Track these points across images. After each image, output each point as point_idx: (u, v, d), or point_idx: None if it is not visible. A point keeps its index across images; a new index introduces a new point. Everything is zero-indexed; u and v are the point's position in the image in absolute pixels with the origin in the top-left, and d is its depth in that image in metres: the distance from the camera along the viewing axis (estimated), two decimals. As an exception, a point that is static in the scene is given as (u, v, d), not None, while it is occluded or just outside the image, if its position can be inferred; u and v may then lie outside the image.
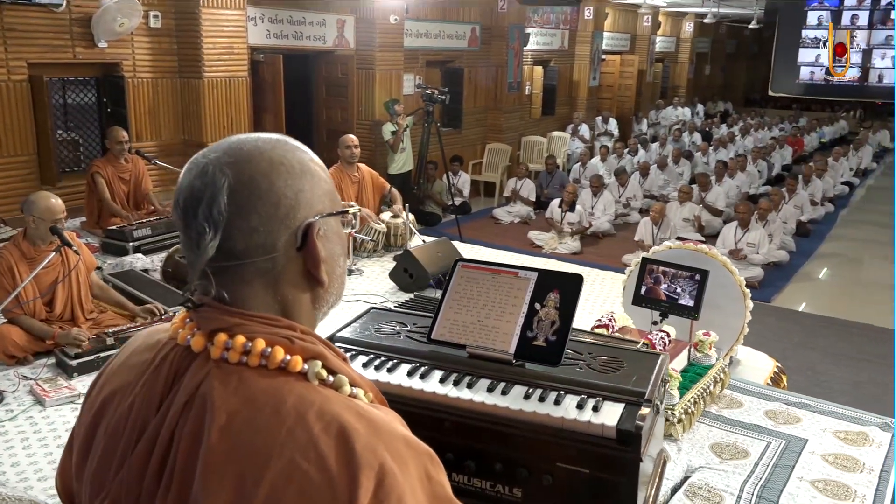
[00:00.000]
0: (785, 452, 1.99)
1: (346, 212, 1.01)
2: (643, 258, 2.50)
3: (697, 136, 15.26)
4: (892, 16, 5.97)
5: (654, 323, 2.38)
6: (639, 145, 13.53)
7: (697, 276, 2.27)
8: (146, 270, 5.35)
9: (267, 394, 0.85)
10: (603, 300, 5.70)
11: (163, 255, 5.52)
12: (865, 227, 10.71)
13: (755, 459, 1.96)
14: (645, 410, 1.34)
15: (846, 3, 6.19)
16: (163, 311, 4.07)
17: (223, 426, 0.84)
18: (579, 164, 11.97)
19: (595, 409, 1.39)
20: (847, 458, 1.94)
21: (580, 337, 1.79)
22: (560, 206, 9.32)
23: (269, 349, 0.88)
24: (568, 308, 1.50)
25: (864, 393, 3.87)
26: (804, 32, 6.45)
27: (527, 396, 1.48)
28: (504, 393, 1.50)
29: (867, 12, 6.10)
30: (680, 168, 12.42)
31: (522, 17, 11.74)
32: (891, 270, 8.33)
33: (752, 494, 1.76)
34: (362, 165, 6.58)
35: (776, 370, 2.69)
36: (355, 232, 5.77)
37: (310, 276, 0.94)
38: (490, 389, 1.51)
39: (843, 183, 12.64)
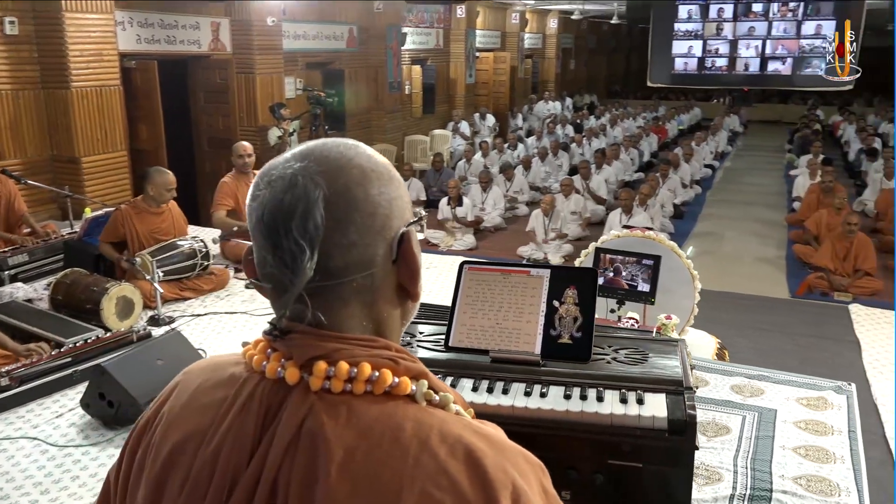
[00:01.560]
0: (762, 424, 2.09)
1: (421, 217, 0.94)
2: (596, 248, 2.54)
3: (570, 129, 15.86)
4: (754, 8, 6.42)
5: (612, 311, 2.43)
6: (518, 140, 13.88)
7: (651, 262, 2.35)
8: (30, 300, 4.88)
9: (381, 422, 0.78)
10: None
11: (45, 281, 5.08)
12: (729, 205, 11.50)
13: (737, 434, 2.05)
14: (690, 398, 1.35)
15: (713, -3, 6.61)
16: (54, 348, 3.75)
17: (342, 464, 0.76)
18: (463, 160, 12.11)
19: (640, 401, 1.39)
20: (816, 423, 2.08)
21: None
22: (448, 203, 9.39)
23: (377, 373, 0.80)
24: (588, 303, 1.48)
25: (771, 361, 4.14)
26: (676, 26, 6.82)
27: (567, 397, 1.46)
28: (543, 395, 1.46)
29: (732, 5, 6.52)
30: (559, 160, 12.84)
31: (399, 17, 11.73)
32: (759, 244, 9.02)
33: (747, 468, 1.83)
34: (258, 172, 6.32)
35: (718, 346, 2.83)
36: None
37: (402, 290, 0.88)
38: (528, 394, 1.47)
39: (706, 166, 13.53)
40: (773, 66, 6.67)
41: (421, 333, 1.72)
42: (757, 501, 1.76)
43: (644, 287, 2.40)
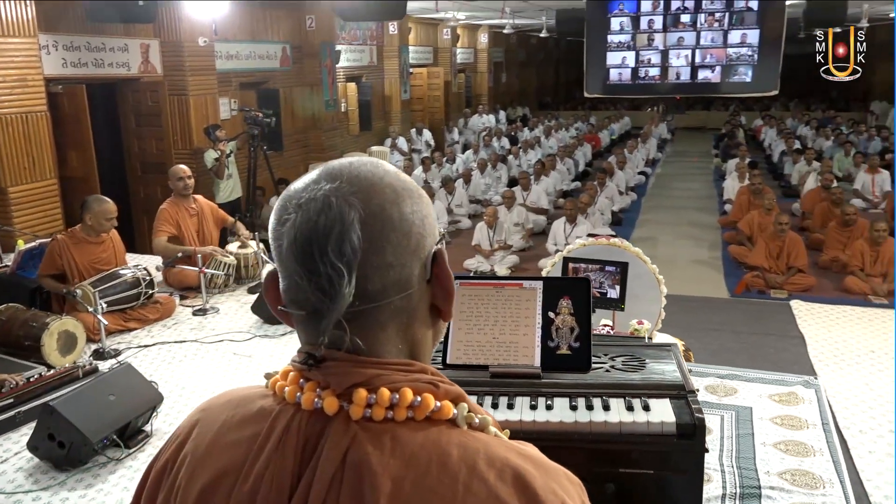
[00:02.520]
0: (740, 422, 2.14)
1: (444, 235, 0.93)
2: (564, 257, 2.57)
3: (506, 141, 16.07)
4: (682, 19, 6.65)
5: (583, 319, 2.46)
6: (455, 154, 13.97)
7: (617, 269, 2.38)
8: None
9: (426, 449, 0.76)
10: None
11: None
12: (663, 210, 11.84)
13: (718, 434, 2.09)
14: (695, 401, 1.37)
15: (643, 9, 6.80)
16: (14, 383, 3.56)
17: (391, 495, 0.73)
18: (404, 176, 12.10)
19: (646, 408, 1.39)
20: (791, 417, 2.14)
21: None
22: (396, 219, 9.37)
23: (418, 398, 0.78)
24: (583, 312, 1.49)
25: (722, 359, 4.26)
26: (610, 38, 6.99)
27: (573, 408, 1.45)
28: (549, 408, 1.45)
29: (661, 17, 6.74)
30: (498, 172, 12.97)
31: (332, 35, 11.66)
32: (694, 247, 9.30)
33: (733, 467, 1.87)
34: (199, 197, 6.18)
35: (684, 348, 2.88)
36: (206, 268, 5.38)
37: (435, 309, 0.86)
38: (533, 407, 1.46)
39: (639, 173, 13.90)
40: (703, 75, 6.91)
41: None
42: (748, 499, 1.79)
43: (613, 294, 2.43)
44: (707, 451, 1.38)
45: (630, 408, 1.41)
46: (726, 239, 9.14)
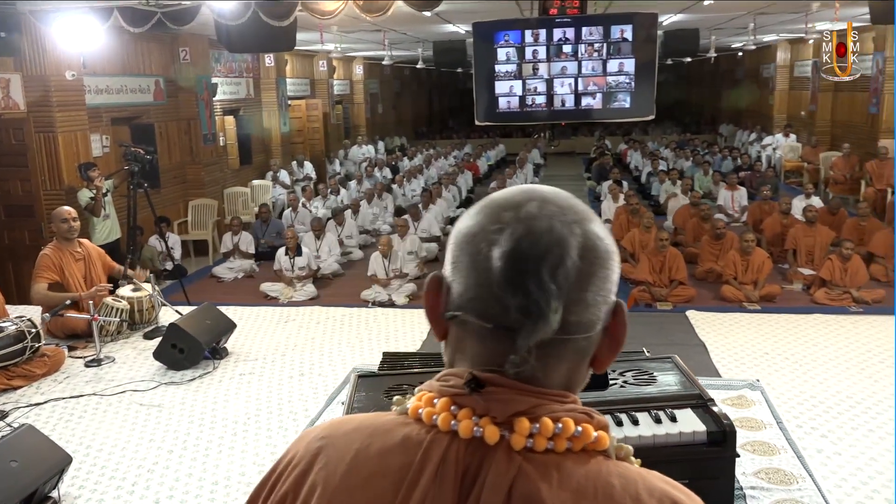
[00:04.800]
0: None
1: None
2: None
3: (387, 171, 16.15)
4: (564, 49, 6.99)
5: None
6: (339, 185, 13.87)
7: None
8: None
9: (590, 481, 0.75)
10: (386, 335, 5.74)
11: None
12: (548, 232, 12.27)
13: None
14: (716, 409, 1.41)
15: (527, 40, 7.09)
16: None
17: None
18: (289, 209, 11.89)
19: (672, 419, 1.42)
20: (748, 419, 2.26)
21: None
22: (286, 253, 9.15)
23: (579, 429, 0.77)
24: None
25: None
26: (497, 67, 7.22)
27: None
28: None
29: (545, 47, 7.05)
30: (384, 202, 13.00)
31: (207, 68, 11.32)
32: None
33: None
34: (84, 241, 5.79)
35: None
36: (98, 315, 5.03)
37: (595, 359, 0.83)
38: None
39: (520, 197, 14.36)
40: (585, 102, 7.26)
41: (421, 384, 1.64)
42: (735, 500, 1.88)
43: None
44: (738, 455, 1.44)
45: (658, 420, 1.45)
46: (611, 257, 9.58)
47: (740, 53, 19.90)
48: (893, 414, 3.08)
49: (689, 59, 18.50)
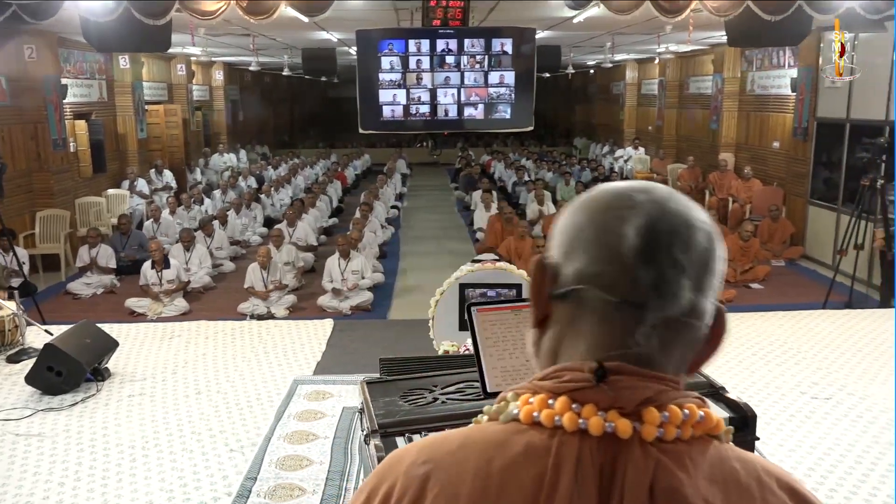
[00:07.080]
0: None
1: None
2: (459, 283, 2.61)
3: (252, 180, 15.64)
4: (447, 60, 7.12)
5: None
6: (202, 195, 13.26)
7: (514, 291, 2.48)
8: None
9: (718, 467, 0.75)
10: (283, 348, 5.57)
11: None
12: (421, 241, 12.39)
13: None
14: (733, 395, 1.46)
15: (411, 49, 7.16)
16: None
17: None
18: (151, 220, 11.21)
19: None
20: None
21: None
22: (153, 266, 8.62)
23: (702, 413, 0.76)
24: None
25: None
26: (381, 76, 7.23)
27: None
28: None
29: (428, 57, 7.15)
30: (253, 212, 12.59)
31: (56, 67, 10.45)
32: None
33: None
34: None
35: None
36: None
37: (694, 358, 0.83)
38: None
39: (392, 207, 14.39)
40: (468, 112, 7.42)
41: (436, 387, 1.60)
42: None
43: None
44: (758, 438, 1.50)
45: (680, 410, 1.47)
46: (487, 264, 9.83)
47: (592, 71, 21.13)
48: (893, 414, 3.31)
49: (548, 75, 19.38)
